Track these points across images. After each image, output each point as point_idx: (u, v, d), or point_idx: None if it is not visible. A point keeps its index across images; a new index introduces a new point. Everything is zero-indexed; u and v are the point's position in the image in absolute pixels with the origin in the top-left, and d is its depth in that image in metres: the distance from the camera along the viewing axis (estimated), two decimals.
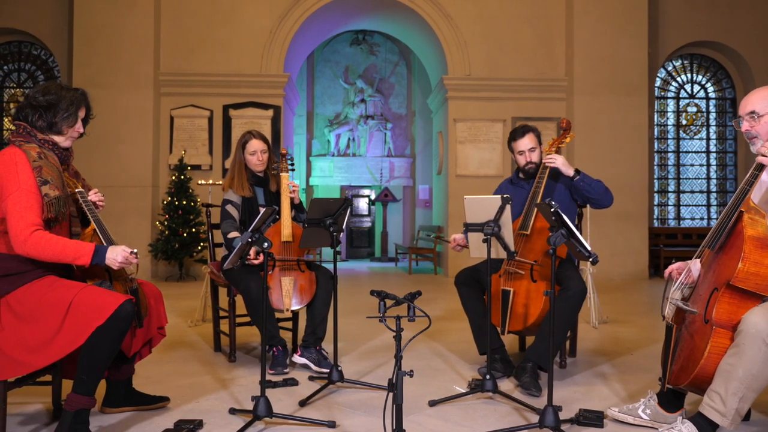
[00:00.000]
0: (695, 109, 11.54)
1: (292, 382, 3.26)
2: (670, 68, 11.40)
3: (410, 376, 2.09)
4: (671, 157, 11.55)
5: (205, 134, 9.43)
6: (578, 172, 3.48)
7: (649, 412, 2.59)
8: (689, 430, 2.28)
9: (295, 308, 3.61)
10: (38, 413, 2.79)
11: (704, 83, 11.48)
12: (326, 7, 9.70)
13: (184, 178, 8.87)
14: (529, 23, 9.71)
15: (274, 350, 3.51)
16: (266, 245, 2.63)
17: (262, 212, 2.70)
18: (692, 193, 11.58)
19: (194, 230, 8.72)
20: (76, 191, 2.56)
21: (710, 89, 11.50)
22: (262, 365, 2.64)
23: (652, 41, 10.14)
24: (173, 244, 8.63)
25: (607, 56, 9.46)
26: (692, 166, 11.58)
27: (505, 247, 3.07)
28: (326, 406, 2.92)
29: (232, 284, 3.70)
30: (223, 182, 3.87)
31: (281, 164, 3.81)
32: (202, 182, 7.28)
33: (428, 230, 11.46)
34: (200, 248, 8.82)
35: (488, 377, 3.01)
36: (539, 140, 3.69)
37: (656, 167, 11.40)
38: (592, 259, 2.51)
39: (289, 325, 4.08)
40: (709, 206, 11.56)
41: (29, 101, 2.45)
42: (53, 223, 2.40)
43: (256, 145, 3.77)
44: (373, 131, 14.68)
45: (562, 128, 3.70)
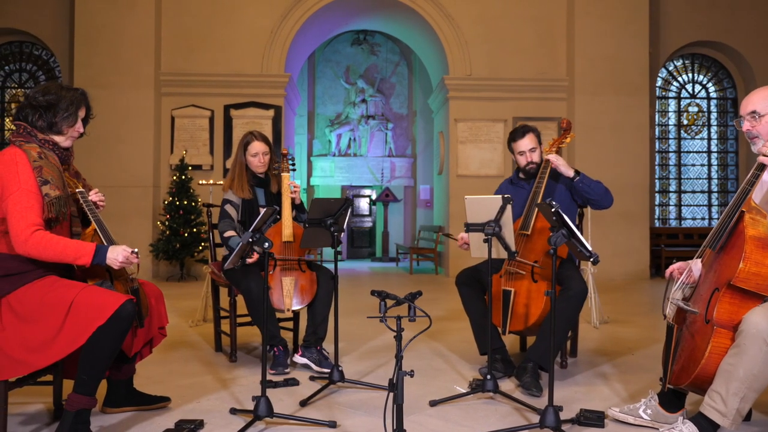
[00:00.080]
0: (696, 108, 11.53)
1: (292, 382, 3.26)
2: (671, 68, 11.39)
3: (411, 376, 2.09)
4: (672, 157, 11.55)
5: (206, 134, 9.44)
6: (578, 173, 3.48)
7: (650, 412, 2.58)
8: (690, 430, 2.28)
9: (295, 308, 3.61)
10: (39, 413, 2.79)
11: (705, 83, 11.48)
12: (327, 7, 9.70)
13: (185, 178, 8.88)
14: (530, 23, 9.71)
15: (274, 350, 3.52)
16: (267, 245, 2.63)
17: (263, 212, 2.70)
18: (693, 193, 11.57)
19: (195, 230, 8.73)
20: (76, 191, 2.56)
21: (711, 89, 11.50)
22: (262, 365, 2.64)
23: (653, 41, 10.14)
24: (174, 244, 8.64)
25: (608, 56, 9.45)
26: (693, 166, 11.57)
27: (505, 247, 3.07)
28: (327, 406, 2.92)
29: (232, 284, 3.70)
30: (223, 182, 3.87)
31: (282, 164, 3.81)
32: (203, 182, 7.29)
33: (429, 230, 11.45)
34: (201, 248, 8.83)
35: (489, 377, 3.01)
36: (539, 140, 3.69)
37: (657, 167, 11.40)
38: (592, 259, 2.51)
39: (290, 325, 4.08)
40: (710, 206, 11.55)
41: (29, 101, 2.45)
42: (54, 223, 2.40)
43: (258, 146, 3.76)
44: (374, 131, 14.69)
45: (562, 128, 3.70)
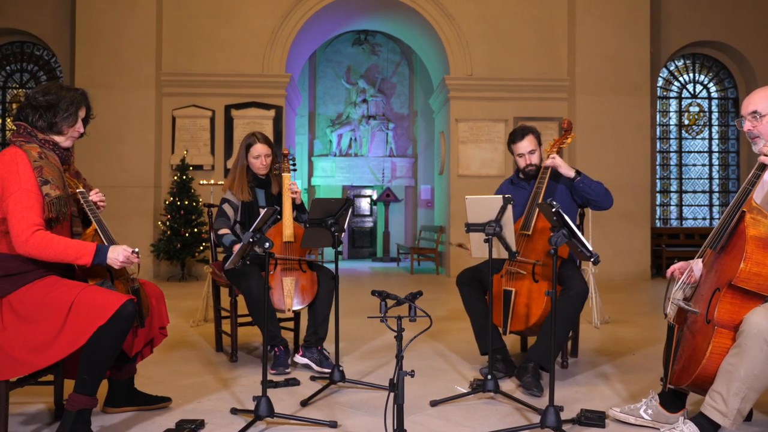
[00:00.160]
0: (697, 108, 11.52)
1: (293, 382, 3.26)
2: (672, 68, 11.39)
3: (411, 376, 2.09)
4: (673, 157, 11.54)
5: (207, 134, 9.44)
6: (578, 173, 3.47)
7: (650, 412, 2.58)
8: (691, 430, 2.28)
9: (296, 308, 3.61)
10: (40, 413, 2.80)
11: (706, 83, 11.47)
12: (328, 7, 9.70)
13: (186, 178, 8.88)
14: (531, 23, 9.70)
15: (275, 350, 3.52)
16: (268, 245, 2.63)
17: (263, 212, 2.70)
18: (694, 193, 11.57)
19: (196, 230, 8.73)
20: (77, 191, 2.57)
21: (712, 89, 11.49)
22: (263, 365, 2.64)
23: (654, 41, 10.13)
24: (175, 244, 8.65)
25: (609, 56, 9.45)
26: (694, 166, 11.56)
27: (506, 247, 3.07)
28: (328, 406, 2.92)
29: (233, 284, 3.70)
30: (224, 182, 3.87)
31: (283, 164, 3.81)
32: (203, 182, 7.30)
33: (430, 230, 11.45)
34: (202, 248, 8.84)
35: (490, 377, 3.01)
36: (539, 141, 3.67)
37: (658, 167, 11.39)
38: (593, 259, 2.51)
39: (290, 325, 4.08)
40: (711, 206, 11.54)
41: (29, 101, 2.46)
42: (54, 223, 2.40)
43: (260, 149, 3.76)
44: (375, 131, 14.69)
45: (563, 129, 3.69)
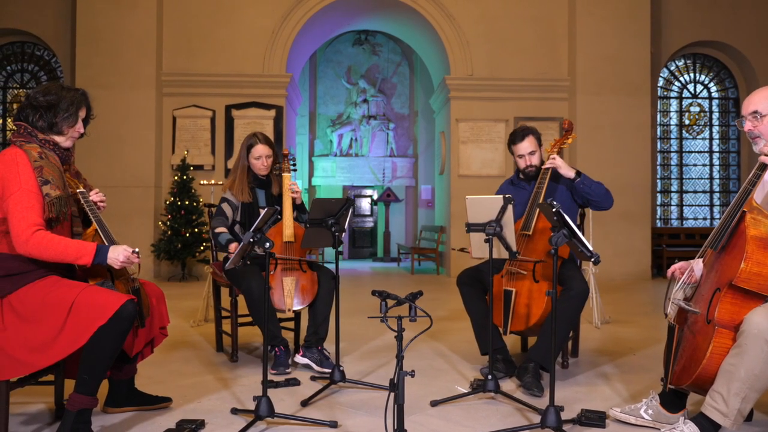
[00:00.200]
0: (698, 108, 11.51)
1: (294, 382, 3.26)
2: (672, 68, 11.38)
3: (412, 376, 2.09)
4: (674, 157, 11.53)
5: (207, 134, 9.44)
6: (579, 173, 3.47)
7: (651, 412, 2.58)
8: (691, 430, 2.28)
9: (296, 308, 3.61)
10: (40, 413, 2.80)
11: (707, 83, 11.46)
12: (328, 7, 9.70)
13: (186, 178, 8.89)
14: (531, 23, 9.70)
15: (276, 350, 3.52)
16: (268, 245, 2.63)
17: (263, 212, 2.70)
18: (695, 193, 11.56)
19: (197, 230, 8.74)
20: (77, 191, 2.57)
21: (713, 89, 11.48)
22: (264, 365, 2.64)
23: (654, 41, 10.12)
24: (176, 244, 8.65)
25: (609, 56, 9.44)
26: (695, 166, 11.55)
27: (507, 247, 3.07)
28: (328, 406, 2.92)
29: (233, 284, 3.70)
30: (224, 182, 3.88)
31: (283, 164, 3.81)
32: (204, 182, 7.31)
33: (431, 230, 11.45)
34: (203, 248, 8.84)
35: (490, 377, 3.01)
36: (539, 142, 3.67)
37: (659, 167, 11.39)
38: (593, 259, 2.51)
39: (291, 325, 4.09)
40: (712, 206, 11.54)
41: (30, 101, 2.46)
42: (54, 222, 2.40)
43: (261, 150, 3.76)
44: (375, 131, 14.69)
45: (564, 129, 3.69)
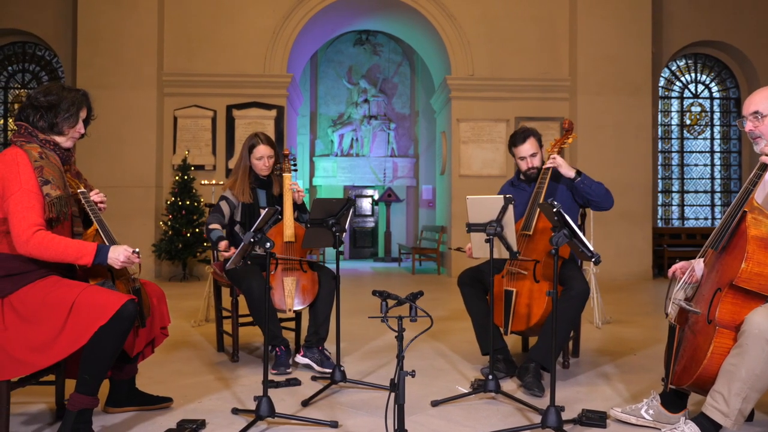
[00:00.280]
0: (699, 108, 11.51)
1: (294, 382, 3.26)
2: (674, 68, 11.38)
3: (412, 376, 2.09)
4: (675, 156, 11.53)
5: (208, 134, 9.45)
6: (579, 173, 3.47)
7: (652, 412, 2.58)
8: (692, 430, 2.27)
9: (297, 308, 3.61)
10: (41, 413, 2.80)
11: (708, 83, 11.45)
12: (330, 7, 9.70)
13: (187, 178, 8.89)
14: (532, 23, 9.70)
15: (276, 350, 3.52)
16: (269, 245, 2.63)
17: (264, 212, 2.70)
18: (696, 193, 11.55)
19: (198, 230, 8.74)
20: (78, 191, 2.57)
21: (714, 89, 11.47)
22: (264, 365, 2.64)
23: (656, 41, 10.12)
24: (177, 244, 8.65)
25: (610, 56, 9.44)
26: (696, 166, 11.55)
27: (507, 247, 3.07)
28: (329, 406, 2.92)
29: (234, 284, 3.70)
30: (225, 182, 3.88)
31: (284, 165, 3.81)
32: (205, 182, 7.31)
33: (432, 230, 11.45)
34: (203, 248, 8.84)
35: (491, 377, 3.01)
36: (540, 143, 3.66)
37: (660, 167, 11.38)
38: (594, 259, 2.51)
39: (291, 325, 4.09)
40: (713, 206, 11.53)
41: (31, 102, 2.46)
42: (55, 222, 2.40)
43: (263, 150, 3.76)
44: (376, 131, 14.69)
45: (564, 129, 3.69)
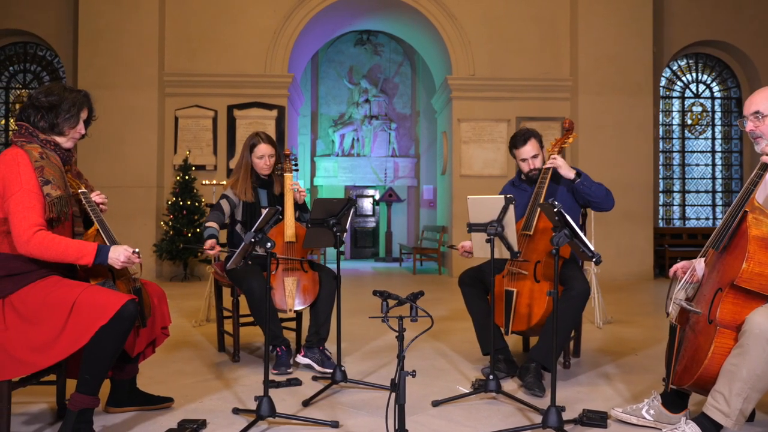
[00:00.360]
0: (700, 108, 11.50)
1: (295, 382, 3.26)
2: (675, 68, 11.37)
3: (413, 376, 2.09)
4: (676, 156, 11.52)
5: (209, 134, 9.45)
6: (579, 174, 3.45)
7: (652, 412, 2.58)
8: (693, 430, 2.27)
9: (298, 308, 3.62)
10: (42, 413, 2.80)
11: (709, 83, 11.44)
12: (330, 7, 9.70)
13: (188, 178, 8.90)
14: (533, 23, 9.70)
15: (277, 350, 3.52)
16: (269, 245, 2.64)
17: (265, 212, 2.71)
18: (697, 192, 11.54)
19: (199, 230, 8.74)
20: (79, 191, 2.57)
21: (715, 89, 11.46)
22: (265, 365, 2.64)
23: (657, 40, 10.11)
24: (178, 244, 8.66)
25: (611, 56, 9.44)
26: (697, 165, 11.54)
27: (508, 247, 3.07)
28: (329, 406, 2.92)
29: (235, 284, 3.70)
30: (226, 182, 3.88)
31: (285, 165, 3.82)
32: (206, 182, 7.31)
33: (433, 230, 11.45)
34: (203, 249, 8.83)
35: (492, 377, 3.01)
36: (541, 144, 3.64)
37: (661, 167, 11.37)
38: (595, 259, 2.51)
39: (292, 325, 4.09)
40: (714, 206, 11.52)
41: (32, 102, 2.46)
42: (55, 222, 2.40)
43: (264, 149, 3.77)
44: (377, 131, 14.68)
45: (564, 128, 3.68)
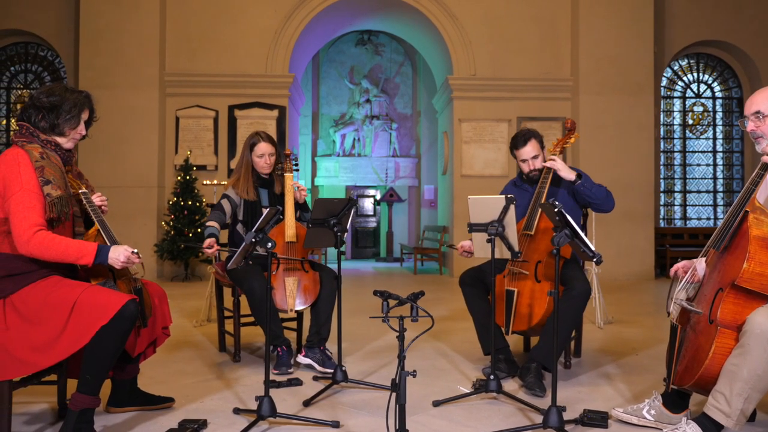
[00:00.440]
0: (701, 108, 11.49)
1: (296, 382, 3.26)
2: (676, 68, 11.36)
3: (413, 376, 2.09)
4: (677, 156, 11.51)
5: (210, 134, 9.45)
6: (579, 176, 3.44)
7: (653, 412, 2.58)
8: (694, 430, 2.27)
9: (299, 308, 3.62)
10: (43, 413, 2.80)
11: (710, 82, 11.43)
12: (331, 7, 9.71)
13: (189, 178, 8.91)
14: (534, 23, 9.69)
15: (278, 350, 3.52)
16: (270, 245, 2.64)
17: (265, 212, 2.71)
18: (698, 192, 11.53)
19: (200, 230, 8.74)
20: (79, 192, 2.58)
21: (716, 88, 11.45)
22: (266, 365, 2.64)
23: (658, 40, 10.10)
24: (179, 244, 8.66)
25: (612, 56, 9.43)
26: (698, 165, 11.53)
27: (509, 247, 3.07)
28: (330, 406, 2.92)
29: (236, 284, 3.70)
30: (227, 182, 3.88)
31: (285, 165, 3.82)
32: (207, 182, 7.31)
33: (433, 230, 11.45)
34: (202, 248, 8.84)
35: (492, 377, 3.01)
36: (542, 144, 3.63)
37: (662, 167, 11.36)
38: (595, 259, 2.51)
39: (293, 325, 4.09)
40: (715, 206, 11.51)
41: (33, 102, 2.46)
42: (56, 222, 2.41)
43: (264, 148, 3.77)
44: (378, 131, 14.68)
45: (566, 128, 3.67)
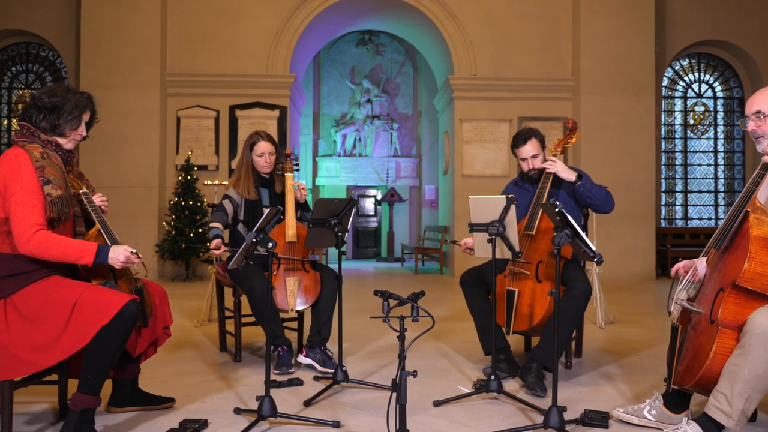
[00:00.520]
0: (703, 108, 11.48)
1: (296, 382, 3.26)
2: (677, 67, 11.35)
3: (414, 376, 2.09)
4: (679, 156, 11.50)
5: (211, 134, 9.46)
6: (580, 177, 3.44)
7: (654, 412, 2.58)
8: (694, 431, 2.27)
9: (299, 308, 3.62)
10: (44, 412, 2.81)
11: (712, 82, 11.42)
12: (332, 7, 9.71)
13: (190, 178, 8.91)
14: (535, 23, 9.69)
15: (279, 350, 3.52)
16: (271, 245, 2.64)
17: (266, 212, 2.71)
18: (700, 192, 11.53)
19: (201, 230, 8.76)
20: (80, 192, 2.58)
21: (718, 88, 11.45)
22: (267, 365, 2.64)
23: (659, 40, 10.10)
24: (179, 244, 8.67)
25: (614, 56, 9.43)
26: (700, 165, 11.52)
27: (509, 247, 3.07)
28: (331, 406, 2.92)
29: (237, 284, 3.71)
30: (228, 182, 3.88)
31: (286, 164, 3.82)
32: (208, 182, 7.32)
33: (434, 230, 11.45)
34: (206, 248, 8.85)
35: (493, 377, 3.01)
36: (542, 144, 3.63)
37: (663, 167, 11.36)
38: (596, 259, 2.51)
39: (294, 325, 4.09)
40: (716, 206, 11.50)
41: (35, 102, 2.46)
42: (56, 222, 2.41)
43: (264, 147, 3.77)
44: (379, 131, 14.68)
45: (568, 128, 3.67)
